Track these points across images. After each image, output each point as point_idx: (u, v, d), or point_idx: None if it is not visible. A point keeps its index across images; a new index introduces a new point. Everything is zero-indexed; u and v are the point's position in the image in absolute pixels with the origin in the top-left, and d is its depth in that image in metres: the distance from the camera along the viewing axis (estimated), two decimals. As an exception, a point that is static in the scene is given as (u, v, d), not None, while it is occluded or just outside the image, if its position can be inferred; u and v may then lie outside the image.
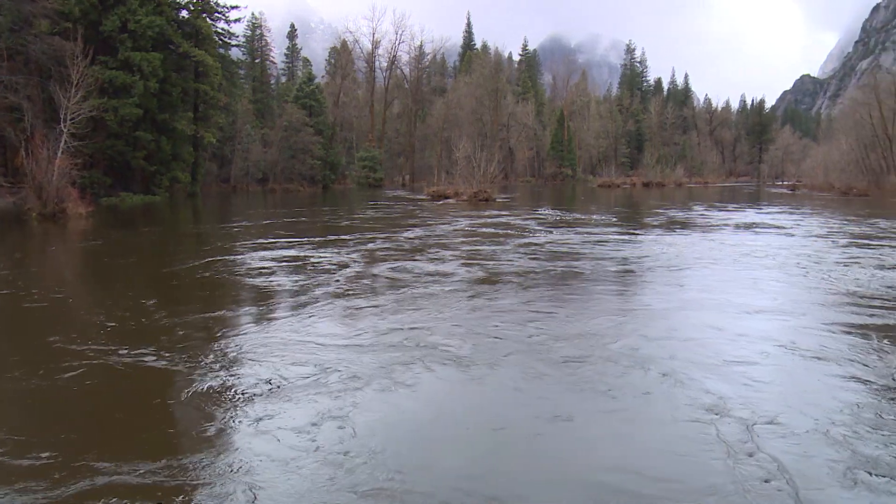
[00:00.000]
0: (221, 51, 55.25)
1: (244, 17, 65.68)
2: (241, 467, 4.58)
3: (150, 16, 41.10)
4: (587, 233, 21.82)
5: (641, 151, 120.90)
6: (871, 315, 9.38)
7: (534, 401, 5.95)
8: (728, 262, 14.98)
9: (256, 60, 78.60)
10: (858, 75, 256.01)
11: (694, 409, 5.65)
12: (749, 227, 24.76)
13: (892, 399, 5.96)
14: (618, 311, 9.79)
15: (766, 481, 4.31)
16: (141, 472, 4.49)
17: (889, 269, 13.42)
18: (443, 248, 17.39)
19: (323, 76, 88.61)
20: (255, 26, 78.79)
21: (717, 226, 25.24)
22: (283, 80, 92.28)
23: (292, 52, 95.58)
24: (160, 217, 32.12)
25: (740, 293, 11.11)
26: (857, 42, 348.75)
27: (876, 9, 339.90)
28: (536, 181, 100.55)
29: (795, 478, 4.35)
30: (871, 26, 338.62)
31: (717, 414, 5.53)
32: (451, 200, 41.77)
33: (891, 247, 17.45)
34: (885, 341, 7.97)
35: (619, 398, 5.99)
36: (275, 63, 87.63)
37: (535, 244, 18.40)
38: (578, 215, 31.53)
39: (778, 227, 24.53)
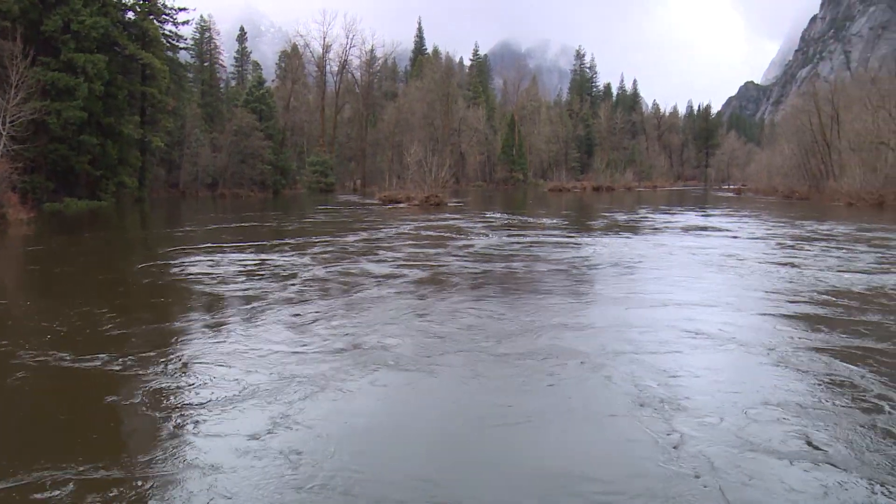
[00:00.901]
0: (169, 54, 54.37)
1: (192, 20, 64.82)
2: (187, 469, 4.58)
3: (95, 16, 40.27)
4: (535, 236, 22.17)
5: (591, 156, 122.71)
6: (799, 310, 9.85)
7: (480, 399, 6.11)
8: (668, 261, 15.46)
9: (205, 64, 77.57)
10: (799, 83, 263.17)
11: (625, 402, 5.87)
12: (692, 229, 25.50)
13: (815, 386, 6.29)
14: (560, 309, 10.05)
15: (696, 476, 4.49)
16: (82, 471, 4.49)
17: (814, 269, 13.94)
18: (393, 251, 17.49)
19: (273, 80, 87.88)
20: (204, 29, 77.81)
21: (662, 228, 25.90)
22: (233, 83, 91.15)
23: (242, 55, 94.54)
24: (106, 223, 31.51)
25: (674, 290, 11.57)
26: (796, 51, 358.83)
27: (813, 20, 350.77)
28: (488, 186, 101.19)
29: (721, 471, 4.54)
30: (809, 36, 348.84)
31: (643, 405, 5.77)
32: (402, 205, 41.82)
33: (820, 248, 18.10)
34: (806, 332, 8.36)
35: (557, 394, 6.19)
36: (224, 67, 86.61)
37: (484, 247, 18.64)
38: (528, 219, 31.95)
39: (720, 230, 25.30)
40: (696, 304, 10.46)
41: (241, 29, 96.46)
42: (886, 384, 6.36)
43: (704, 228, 26.06)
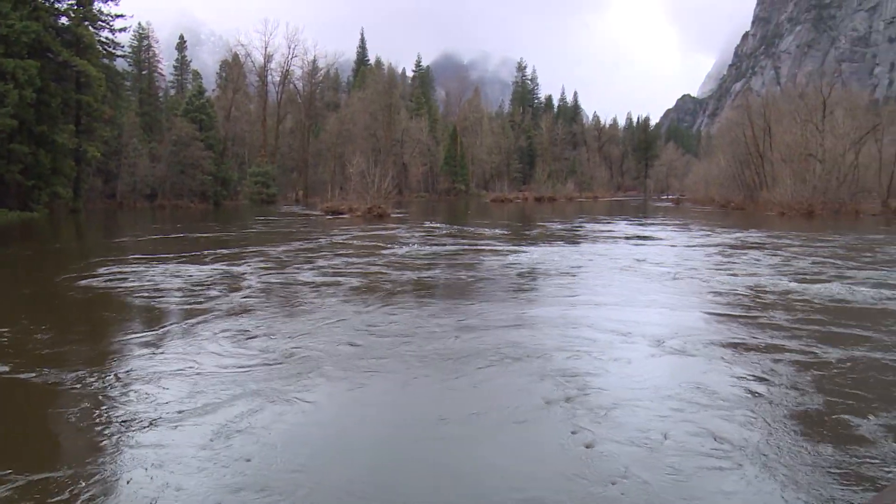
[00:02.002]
0: (105, 61, 53.28)
1: (130, 27, 63.35)
2: (130, 479, 4.61)
3: (25, 21, 39.22)
4: (473, 244, 22.51)
5: (533, 167, 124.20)
6: (723, 311, 10.33)
7: (417, 404, 6.36)
8: (602, 269, 15.95)
9: (143, 72, 76.14)
10: (733, 96, 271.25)
11: (542, 401, 6.11)
12: (626, 238, 26.20)
13: (735, 383, 6.63)
14: (491, 314, 10.30)
15: (612, 483, 4.72)
16: (19, 479, 4.51)
17: (737, 274, 14.53)
18: (333, 262, 17.54)
19: (214, 90, 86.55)
20: (142, 37, 76.37)
21: (597, 238, 26.53)
22: (172, 92, 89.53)
23: (181, 64, 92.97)
24: (38, 234, 30.68)
25: (594, 294, 12.08)
26: (730, 66, 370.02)
27: (745, 36, 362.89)
28: (430, 196, 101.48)
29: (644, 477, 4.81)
30: (742, 52, 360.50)
31: (549, 403, 6.03)
32: (345, 216, 41.73)
33: (743, 255, 18.80)
34: (722, 329, 8.79)
35: (486, 395, 6.43)
36: (163, 75, 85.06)
37: (423, 255, 18.82)
38: (469, 229, 32.37)
39: (656, 238, 26.03)
40: (614, 304, 11.14)
41: (181, 37, 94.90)
42: (792, 378, 6.84)
43: (637, 237, 26.82)
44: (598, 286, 13.56)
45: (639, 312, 10.61)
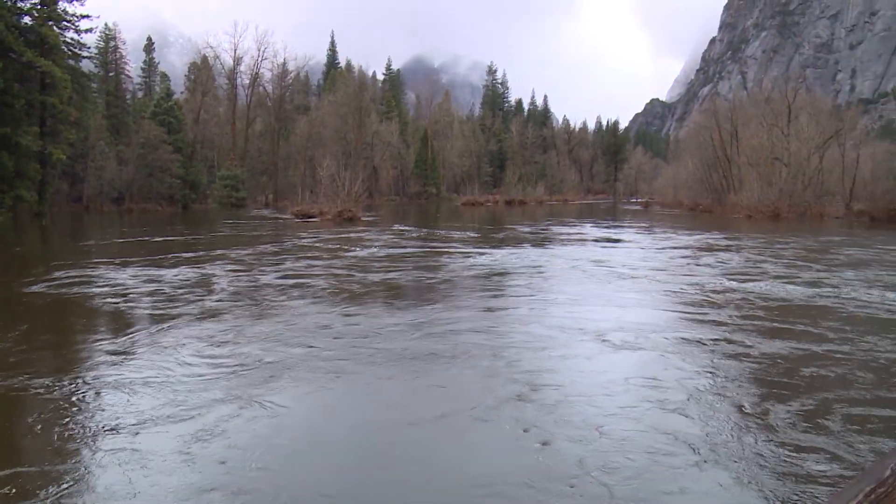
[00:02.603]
0: (71, 62, 52.46)
1: (96, 28, 62.40)
2: (103, 484, 4.62)
3: (-14, 21, 38.62)
4: (444, 247, 22.59)
5: (503, 170, 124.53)
6: (674, 309, 10.62)
7: (389, 406, 6.45)
8: (564, 270, 16.17)
9: (110, 74, 75.13)
10: (700, 100, 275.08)
11: (501, 399, 6.27)
12: (593, 240, 26.48)
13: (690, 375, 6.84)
14: (456, 315, 10.46)
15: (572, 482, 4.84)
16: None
17: (693, 275, 14.85)
18: (303, 265, 17.53)
19: (182, 92, 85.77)
20: (109, 38, 75.37)
21: (567, 240, 26.76)
22: (140, 95, 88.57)
23: (149, 66, 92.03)
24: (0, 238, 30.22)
25: (567, 296, 12.17)
26: (698, 70, 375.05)
27: (713, 41, 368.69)
28: (401, 200, 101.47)
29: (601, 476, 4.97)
30: (709, 57, 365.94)
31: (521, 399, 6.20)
32: (315, 219, 41.63)
33: (708, 258, 19.16)
34: (679, 327, 9.04)
35: (450, 396, 6.59)
36: (131, 77, 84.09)
37: (393, 259, 18.87)
38: (440, 231, 32.50)
39: (622, 241, 26.39)
40: (573, 304, 11.46)
41: (149, 39, 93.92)
42: (735, 371, 7.16)
43: (604, 240, 27.17)
44: (560, 287, 13.87)
45: (595, 311, 10.98)
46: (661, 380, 6.98)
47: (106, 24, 75.42)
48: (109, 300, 12.08)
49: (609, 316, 10.51)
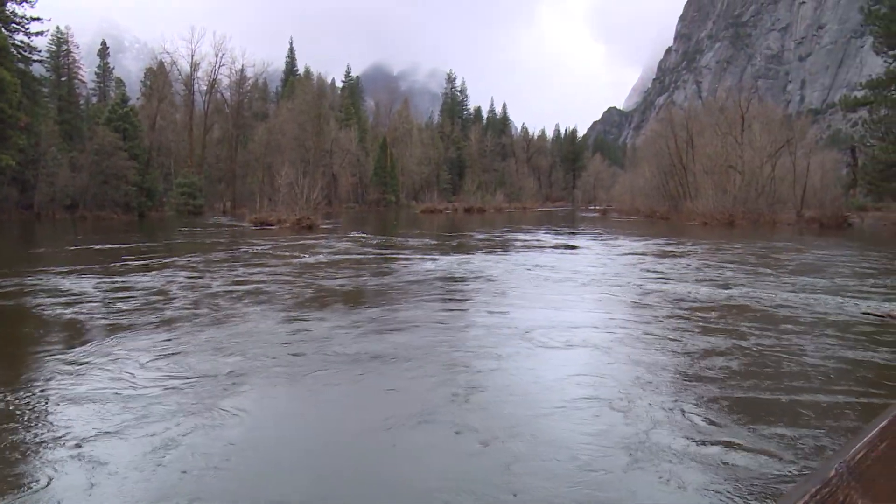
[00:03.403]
0: (21, 66, 51.68)
1: (47, 31, 61.73)
2: (60, 497, 4.61)
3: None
4: (400, 254, 22.79)
5: (462, 178, 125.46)
6: (614, 311, 11.05)
7: (344, 412, 6.63)
8: (515, 276, 16.54)
9: (63, 78, 73.99)
10: (657, 109, 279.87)
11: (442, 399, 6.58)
12: (553, 247, 26.91)
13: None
14: (409, 320, 10.66)
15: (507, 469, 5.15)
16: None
17: (635, 280, 15.35)
18: (259, 272, 17.59)
19: (138, 98, 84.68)
20: (61, 42, 74.23)
21: (523, 247, 27.11)
22: (94, 100, 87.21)
23: (104, 71, 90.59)
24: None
25: (517, 300, 12.46)
26: (654, 79, 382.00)
27: (668, 51, 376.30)
28: (360, 207, 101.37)
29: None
30: (665, 66, 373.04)
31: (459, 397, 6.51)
32: (273, 227, 41.56)
33: (655, 263, 19.73)
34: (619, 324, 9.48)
35: (401, 400, 6.79)
36: (84, 82, 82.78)
37: (348, 265, 19.04)
38: (398, 239, 32.78)
39: (577, 247, 26.92)
40: (521, 307, 11.69)
41: (103, 43, 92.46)
42: (667, 365, 7.51)
43: (560, 246, 27.64)
44: (508, 292, 14.19)
45: (536, 314, 11.40)
46: (596, 376, 7.39)
47: (58, 28, 74.42)
48: (58, 309, 11.93)
49: (549, 317, 10.92)
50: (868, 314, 11.13)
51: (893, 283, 15.40)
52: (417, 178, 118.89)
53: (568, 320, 10.85)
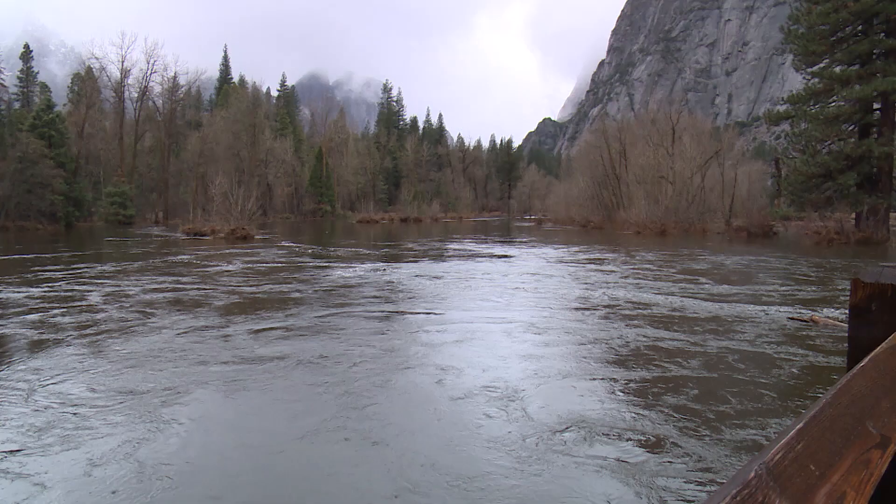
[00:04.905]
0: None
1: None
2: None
3: None
4: (332, 263, 22.84)
5: (399, 188, 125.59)
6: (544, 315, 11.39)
7: (291, 418, 6.66)
8: (442, 282, 16.86)
9: (-18, 83, 71.65)
10: (590, 121, 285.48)
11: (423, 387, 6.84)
12: (482, 256, 27.29)
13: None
14: (334, 323, 10.81)
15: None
16: None
17: (557, 284, 15.90)
18: (185, 282, 17.46)
19: (65, 104, 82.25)
20: (-19, 45, 71.87)
21: (455, 255, 27.41)
22: (17, 106, 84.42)
23: (27, 75, 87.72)
24: None
25: (439, 304, 12.74)
26: (588, 91, 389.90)
27: (601, 64, 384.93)
28: (296, 218, 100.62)
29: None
30: (598, 79, 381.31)
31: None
32: (207, 238, 41.11)
33: (579, 269, 20.34)
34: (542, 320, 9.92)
35: (342, 402, 6.89)
36: (5, 86, 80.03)
37: (284, 274, 19.08)
38: (332, 249, 32.84)
39: (508, 256, 27.42)
40: (441, 310, 11.87)
41: (26, 46, 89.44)
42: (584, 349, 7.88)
43: (490, 255, 27.99)
44: (435, 297, 14.57)
45: (451, 317, 11.76)
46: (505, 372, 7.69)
47: (-22, 31, 71.78)
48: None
49: (467, 317, 11.20)
50: (793, 319, 11.71)
51: (815, 289, 16.21)
52: (354, 188, 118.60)
53: (482, 318, 11.23)
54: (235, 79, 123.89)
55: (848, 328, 1.63)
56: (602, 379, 7.90)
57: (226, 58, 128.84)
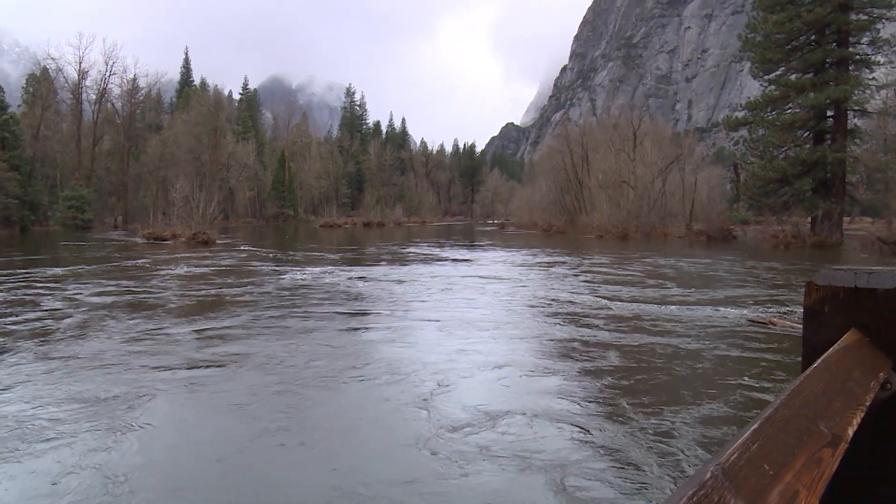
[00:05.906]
0: None
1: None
2: None
3: None
4: (295, 267, 22.73)
5: (362, 192, 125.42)
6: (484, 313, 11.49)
7: (252, 419, 6.62)
8: (400, 285, 16.92)
9: (-69, 83, 69.79)
10: (553, 125, 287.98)
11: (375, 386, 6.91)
12: (444, 259, 27.40)
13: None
14: (296, 326, 10.80)
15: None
16: None
17: (518, 287, 16.06)
18: (142, 286, 17.23)
19: (19, 105, 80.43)
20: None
21: (416, 259, 27.47)
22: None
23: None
24: None
25: (394, 306, 12.77)
26: (550, 97, 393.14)
27: (564, 70, 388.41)
28: (258, 222, 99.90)
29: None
30: (561, 84, 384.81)
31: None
32: (168, 242, 40.58)
33: (539, 272, 20.51)
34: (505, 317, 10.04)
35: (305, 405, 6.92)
36: (-44, 87, 78.27)
37: (241, 278, 18.94)
38: (291, 253, 32.70)
39: (468, 259, 27.54)
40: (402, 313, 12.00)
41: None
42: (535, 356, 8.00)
43: (449, 259, 28.07)
44: (392, 300, 14.67)
45: (415, 316, 11.63)
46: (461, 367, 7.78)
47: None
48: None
49: (427, 316, 11.24)
50: (753, 322, 11.94)
51: (774, 292, 16.53)
52: (316, 193, 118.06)
53: (438, 318, 11.45)
54: (197, 81, 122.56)
55: (802, 330, 1.67)
56: (531, 373, 8.12)
57: (187, 60, 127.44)
